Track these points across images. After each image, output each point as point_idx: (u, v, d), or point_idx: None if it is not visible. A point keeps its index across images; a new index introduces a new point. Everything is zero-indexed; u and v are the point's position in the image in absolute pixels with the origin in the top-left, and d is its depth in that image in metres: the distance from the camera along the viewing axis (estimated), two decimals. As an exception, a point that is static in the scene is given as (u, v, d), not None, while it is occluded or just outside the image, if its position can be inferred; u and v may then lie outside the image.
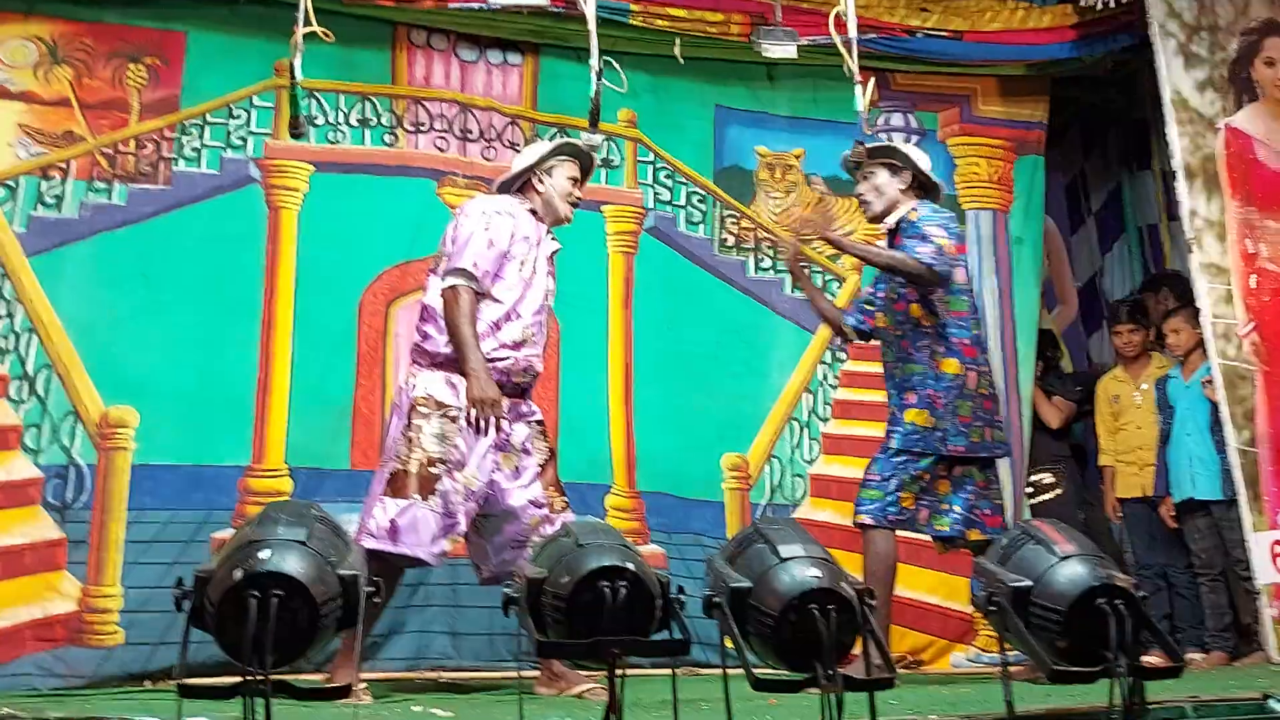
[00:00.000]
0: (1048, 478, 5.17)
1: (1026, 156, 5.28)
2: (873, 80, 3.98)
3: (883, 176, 3.71)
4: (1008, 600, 2.06)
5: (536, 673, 3.34)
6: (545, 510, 3.35)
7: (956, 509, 3.61)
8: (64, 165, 4.27)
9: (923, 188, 3.75)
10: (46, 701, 2.81)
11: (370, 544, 3.11)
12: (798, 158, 5.10)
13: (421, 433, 3.21)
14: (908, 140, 4.89)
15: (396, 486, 3.18)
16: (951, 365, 3.58)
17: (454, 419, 3.23)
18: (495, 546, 3.36)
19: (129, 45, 4.41)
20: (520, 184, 3.52)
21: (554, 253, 3.51)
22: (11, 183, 4.21)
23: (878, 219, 3.77)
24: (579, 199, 3.57)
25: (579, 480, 4.19)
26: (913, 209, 3.65)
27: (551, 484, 3.41)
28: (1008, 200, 5.24)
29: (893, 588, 3.55)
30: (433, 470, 3.19)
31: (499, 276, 3.32)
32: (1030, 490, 5.12)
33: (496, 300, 3.31)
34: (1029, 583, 2.07)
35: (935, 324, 3.61)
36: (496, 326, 3.31)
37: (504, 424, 3.30)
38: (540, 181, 3.48)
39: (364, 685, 3.03)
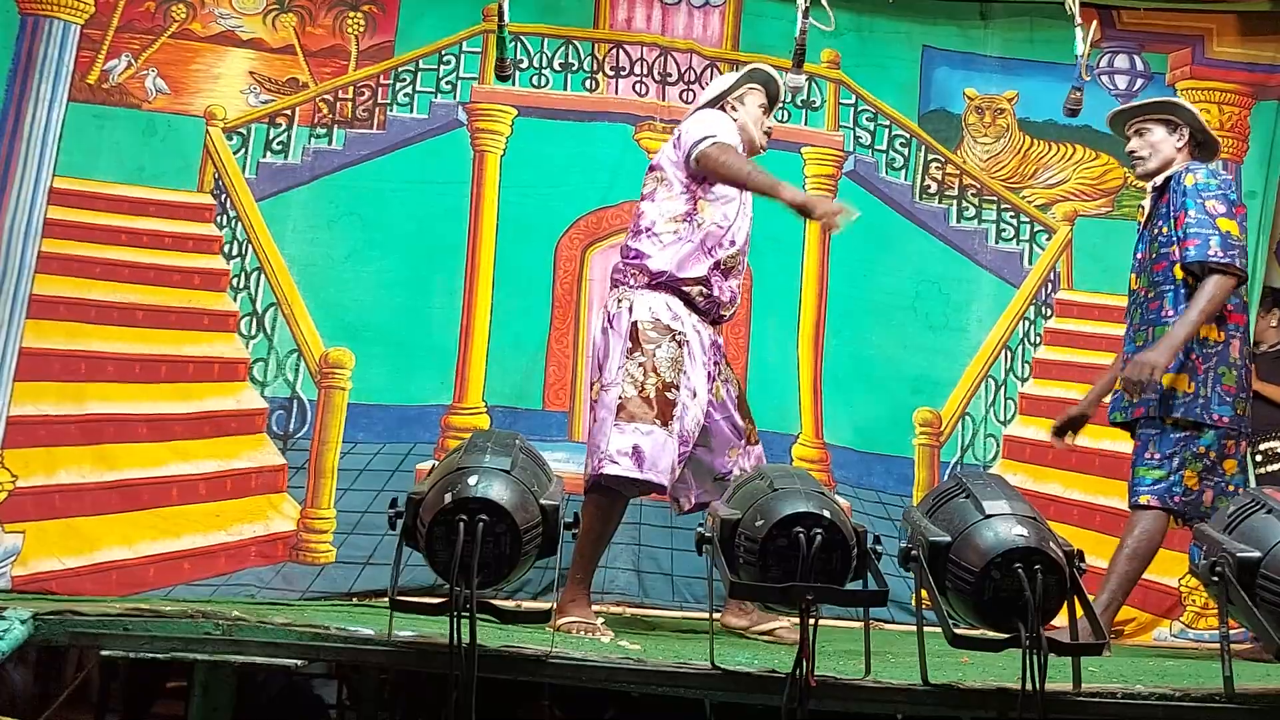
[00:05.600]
0: (1277, 446, 4.81)
1: (1266, 102, 4.86)
2: (1095, 21, 3.73)
3: (1159, 133, 3.40)
4: (1232, 571, 1.94)
5: (720, 614, 3.33)
6: (744, 442, 3.30)
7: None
8: (289, 112, 4.53)
9: (1200, 146, 3.45)
10: (266, 609, 3.03)
11: (615, 470, 2.98)
12: (1010, 101, 4.84)
13: (655, 357, 3.04)
14: (1132, 84, 4.56)
15: (632, 412, 2.99)
16: (1212, 331, 3.28)
17: (681, 344, 3.09)
18: (699, 477, 3.28)
19: (347, -7, 4.62)
20: None
21: None
22: (243, 130, 4.49)
23: (1149, 176, 3.46)
24: (771, 129, 3.47)
25: (765, 429, 4.13)
26: (1188, 170, 3.33)
27: (743, 412, 3.33)
28: (1242, 150, 4.84)
29: (1145, 568, 3.30)
30: (669, 395, 3.03)
31: (723, 197, 3.19)
32: (1258, 459, 4.78)
33: (718, 225, 3.17)
34: (1258, 553, 1.94)
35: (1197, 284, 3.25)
36: (710, 250, 3.17)
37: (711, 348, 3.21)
38: (734, 109, 3.38)
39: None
